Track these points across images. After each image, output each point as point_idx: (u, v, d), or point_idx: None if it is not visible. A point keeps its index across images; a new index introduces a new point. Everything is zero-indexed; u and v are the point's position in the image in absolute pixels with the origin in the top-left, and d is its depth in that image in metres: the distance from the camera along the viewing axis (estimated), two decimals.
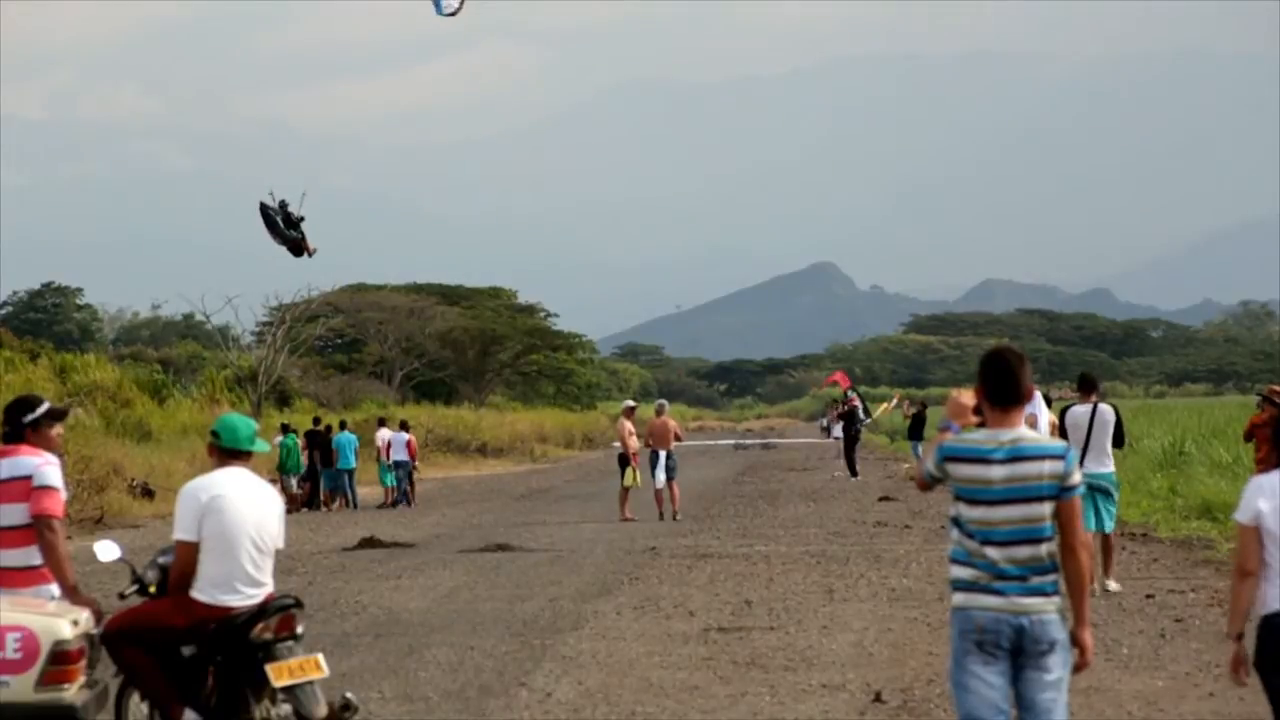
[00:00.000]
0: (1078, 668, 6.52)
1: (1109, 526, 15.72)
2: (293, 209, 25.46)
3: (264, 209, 27.20)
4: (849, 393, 44.98)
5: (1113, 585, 15.63)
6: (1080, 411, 15.75)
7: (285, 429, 35.43)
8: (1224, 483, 24.30)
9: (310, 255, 29.40)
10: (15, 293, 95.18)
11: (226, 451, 8.47)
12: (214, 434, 8.54)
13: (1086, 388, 16.06)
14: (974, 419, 6.68)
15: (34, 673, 7.74)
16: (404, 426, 36.27)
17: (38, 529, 8.29)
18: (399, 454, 34.60)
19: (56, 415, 8.73)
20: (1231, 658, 6.91)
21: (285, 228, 27.26)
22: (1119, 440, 15.88)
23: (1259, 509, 6.78)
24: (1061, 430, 15.81)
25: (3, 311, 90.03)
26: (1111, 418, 15.68)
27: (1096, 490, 15.46)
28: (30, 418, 8.55)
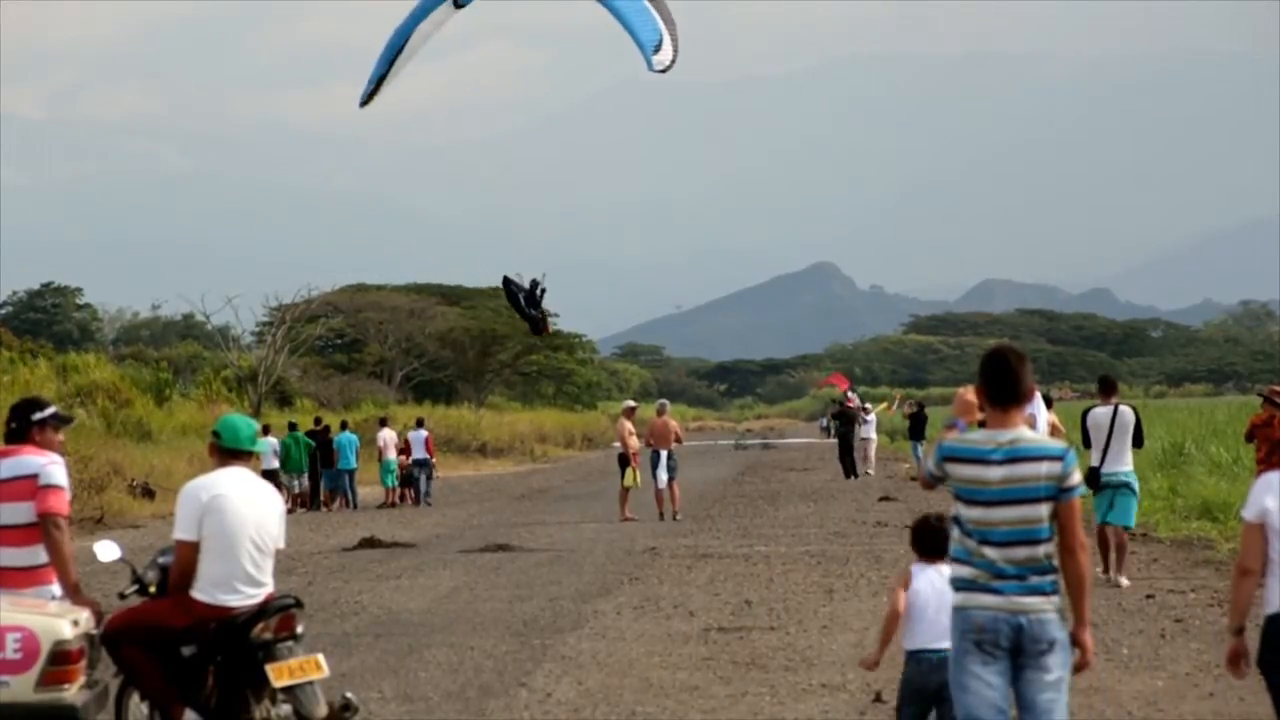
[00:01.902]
0: (1079, 668, 6.51)
1: (1130, 521, 16.31)
2: (535, 285, 27.01)
3: (507, 283, 28.66)
4: (847, 394, 45.03)
5: (1124, 581, 15.97)
6: (1102, 413, 16.13)
7: (287, 427, 35.46)
8: (1224, 483, 24.30)
9: (548, 334, 31.08)
10: (15, 293, 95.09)
11: (227, 451, 8.48)
12: (215, 434, 8.54)
13: (1107, 390, 16.47)
14: (980, 415, 6.66)
15: (34, 673, 7.74)
16: (420, 424, 36.30)
17: (44, 527, 8.29)
18: (419, 452, 34.62)
19: (63, 420, 8.76)
20: (1230, 651, 6.90)
21: (527, 305, 28.72)
22: (1138, 440, 16.26)
23: (1266, 506, 6.76)
24: (1083, 431, 16.09)
25: (3, 311, 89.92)
26: (1131, 419, 16.08)
27: (1118, 487, 16.01)
28: (39, 416, 8.57)
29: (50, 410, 8.68)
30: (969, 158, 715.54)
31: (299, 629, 8.43)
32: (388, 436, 34.85)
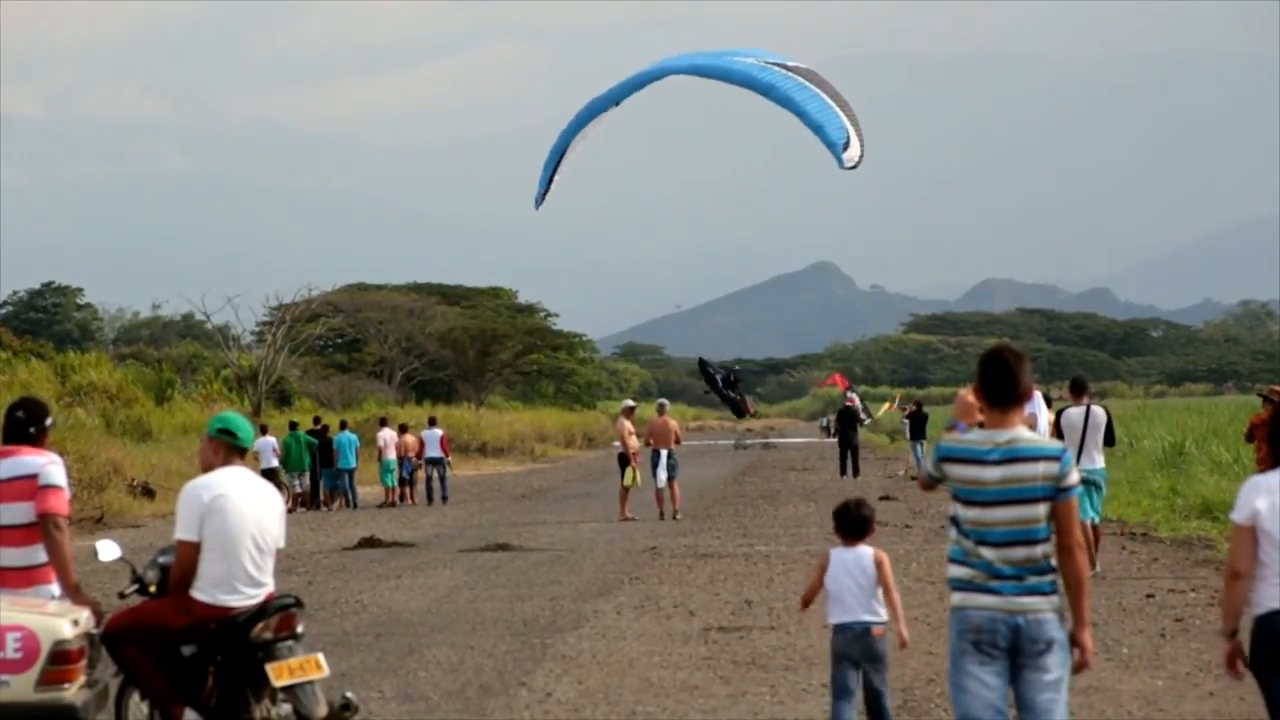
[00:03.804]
0: (1078, 668, 6.49)
1: (1096, 517, 16.97)
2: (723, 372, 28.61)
3: (704, 365, 30.12)
4: (847, 394, 45.10)
5: (1096, 568, 16.55)
6: (1075, 413, 16.89)
7: (288, 427, 35.50)
8: (1224, 483, 24.31)
9: (753, 415, 32.52)
10: (15, 293, 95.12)
11: (234, 449, 8.45)
12: (226, 432, 8.48)
13: (1078, 390, 17.32)
14: (981, 417, 6.66)
15: (34, 672, 7.74)
16: (433, 423, 36.37)
17: (44, 527, 8.30)
18: (433, 451, 34.66)
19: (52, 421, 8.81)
20: (1226, 655, 6.89)
21: (724, 388, 29.99)
22: (1110, 439, 17.05)
23: (1256, 508, 6.72)
24: (1057, 431, 16.50)
25: (3, 311, 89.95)
26: (1103, 419, 16.89)
27: (1089, 484, 16.61)
28: (50, 421, 8.61)
29: (50, 419, 8.71)
30: (969, 158, 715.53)
31: (299, 628, 8.42)
32: (387, 436, 34.83)
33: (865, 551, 8.70)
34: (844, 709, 8.61)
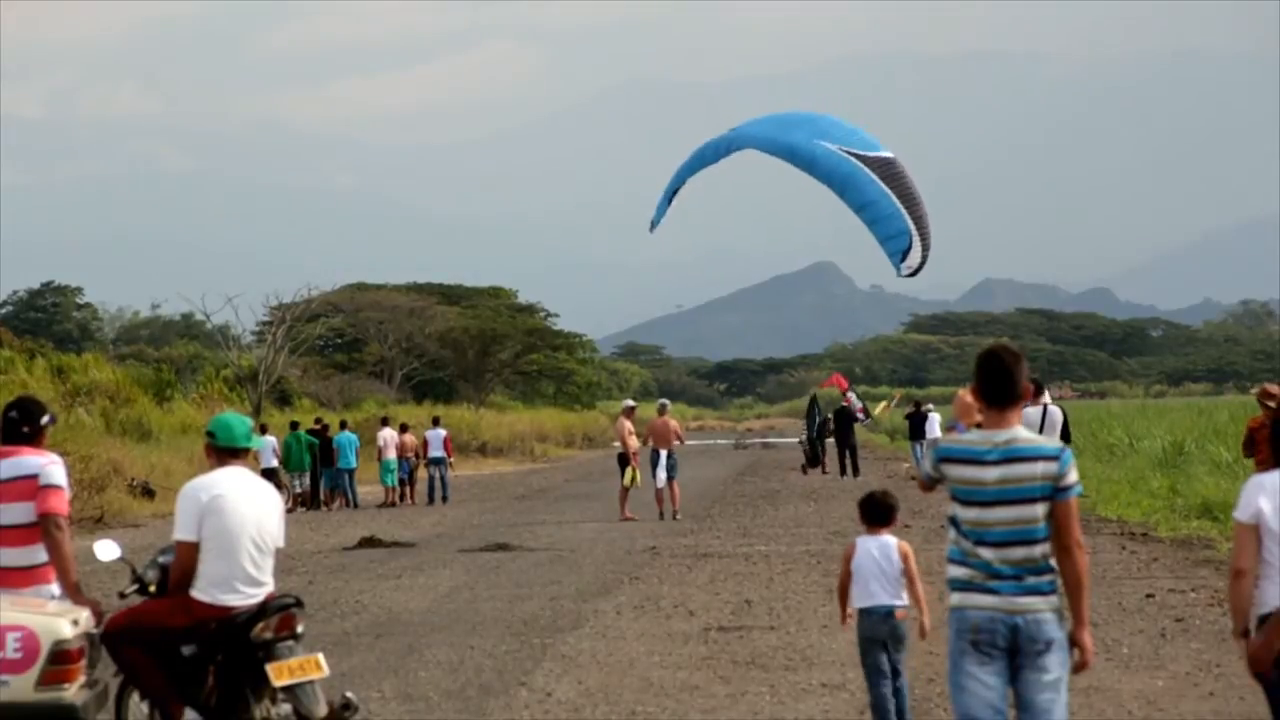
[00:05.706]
0: (1078, 668, 6.49)
1: None
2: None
3: (813, 404, 30.75)
4: (845, 394, 45.12)
5: None
6: (1032, 413, 17.25)
7: (289, 427, 35.55)
8: (1224, 483, 24.31)
9: (809, 474, 33.53)
10: (15, 292, 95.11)
11: (224, 450, 8.47)
12: (210, 434, 8.53)
13: (1034, 392, 17.61)
14: (979, 417, 6.65)
15: (34, 672, 7.74)
16: (436, 422, 36.50)
17: (44, 527, 8.30)
18: (436, 450, 34.75)
19: (52, 419, 8.82)
20: (1248, 653, 6.86)
21: (817, 435, 30.51)
22: (1065, 438, 17.40)
23: (1260, 507, 6.73)
24: None
25: (3, 311, 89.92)
26: (1060, 419, 17.37)
27: None
28: (46, 420, 8.62)
29: (47, 417, 8.72)
30: (969, 158, 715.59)
31: (299, 628, 8.43)
32: (388, 436, 34.86)
33: (889, 539, 9.09)
34: (883, 688, 8.95)
